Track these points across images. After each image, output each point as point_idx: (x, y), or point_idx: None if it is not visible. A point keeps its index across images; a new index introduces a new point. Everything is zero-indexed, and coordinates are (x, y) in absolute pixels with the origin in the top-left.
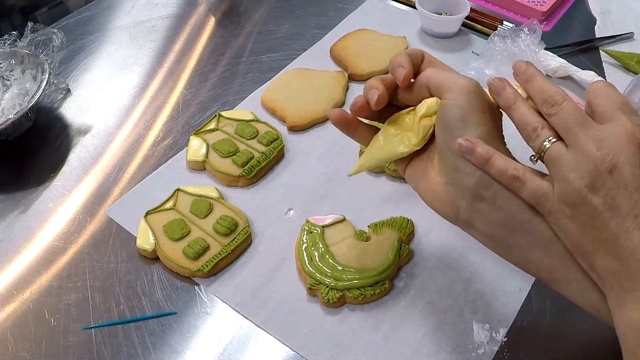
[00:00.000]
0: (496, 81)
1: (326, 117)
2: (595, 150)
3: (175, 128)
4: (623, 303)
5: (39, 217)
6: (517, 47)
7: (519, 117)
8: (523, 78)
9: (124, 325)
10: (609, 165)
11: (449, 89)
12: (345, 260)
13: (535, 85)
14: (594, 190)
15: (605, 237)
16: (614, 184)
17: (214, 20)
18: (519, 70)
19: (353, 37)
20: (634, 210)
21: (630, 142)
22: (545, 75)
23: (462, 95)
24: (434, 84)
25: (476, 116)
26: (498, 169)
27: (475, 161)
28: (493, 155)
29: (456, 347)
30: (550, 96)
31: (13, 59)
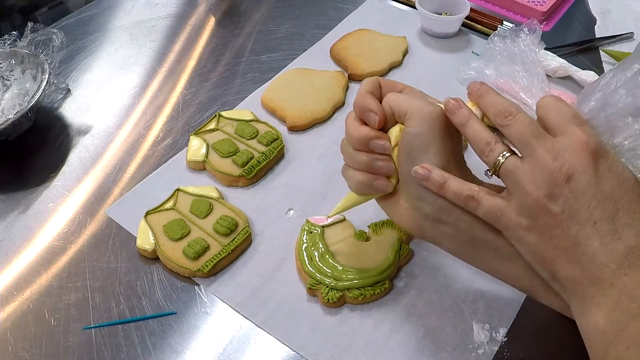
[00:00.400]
0: (451, 101)
1: (326, 117)
2: (552, 161)
3: (175, 128)
4: (587, 309)
5: (39, 217)
6: (517, 47)
7: (471, 133)
8: (476, 96)
9: (124, 325)
10: (566, 175)
11: (411, 115)
12: (345, 260)
13: (488, 99)
14: (552, 200)
15: (566, 246)
16: (572, 192)
17: (214, 20)
18: (472, 89)
19: (353, 37)
20: (592, 217)
21: (585, 152)
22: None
23: (423, 124)
24: (397, 111)
25: (437, 144)
26: (453, 192)
27: (431, 187)
28: (448, 180)
29: (456, 347)
30: (504, 108)
31: (13, 59)
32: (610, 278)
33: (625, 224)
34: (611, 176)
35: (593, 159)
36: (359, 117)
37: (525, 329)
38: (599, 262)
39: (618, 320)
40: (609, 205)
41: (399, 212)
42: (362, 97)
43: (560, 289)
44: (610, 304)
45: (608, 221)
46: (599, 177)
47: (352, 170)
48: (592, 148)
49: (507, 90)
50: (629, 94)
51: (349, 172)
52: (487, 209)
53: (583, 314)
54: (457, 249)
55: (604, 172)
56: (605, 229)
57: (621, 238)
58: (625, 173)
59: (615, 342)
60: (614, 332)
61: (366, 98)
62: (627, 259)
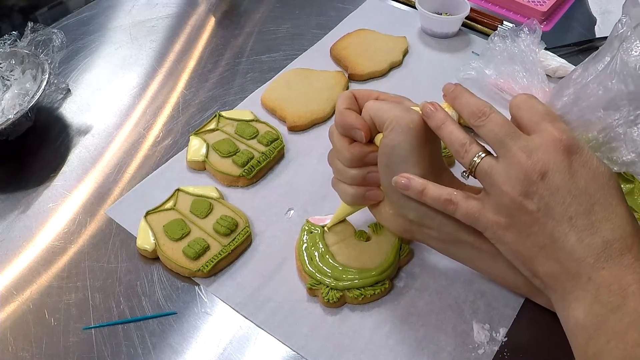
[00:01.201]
0: (427, 105)
1: (326, 117)
2: (526, 160)
3: (175, 128)
4: (567, 304)
5: (39, 217)
6: (517, 47)
7: (447, 135)
8: (451, 97)
9: (124, 325)
10: (540, 173)
11: (389, 126)
12: (345, 260)
13: (462, 100)
14: (528, 198)
15: (543, 242)
16: (547, 190)
17: (214, 20)
18: (447, 91)
19: (353, 37)
20: (568, 212)
21: (558, 149)
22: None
23: (401, 134)
24: (377, 121)
25: (415, 154)
26: (432, 197)
27: (411, 195)
28: (427, 186)
29: (456, 347)
30: (477, 108)
31: (13, 59)
32: (588, 272)
33: (601, 218)
34: (585, 171)
35: (566, 155)
36: (342, 134)
37: (525, 329)
38: (577, 257)
39: (597, 314)
40: (584, 200)
41: (386, 218)
42: (342, 115)
43: (541, 286)
44: (589, 298)
45: (584, 216)
46: (573, 173)
47: (343, 185)
48: (566, 145)
49: (507, 90)
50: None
51: (341, 186)
52: (464, 211)
53: (563, 309)
54: (443, 249)
55: (578, 167)
56: (581, 224)
57: (597, 232)
58: (600, 167)
59: (595, 336)
60: (594, 326)
61: (347, 115)
62: (604, 253)
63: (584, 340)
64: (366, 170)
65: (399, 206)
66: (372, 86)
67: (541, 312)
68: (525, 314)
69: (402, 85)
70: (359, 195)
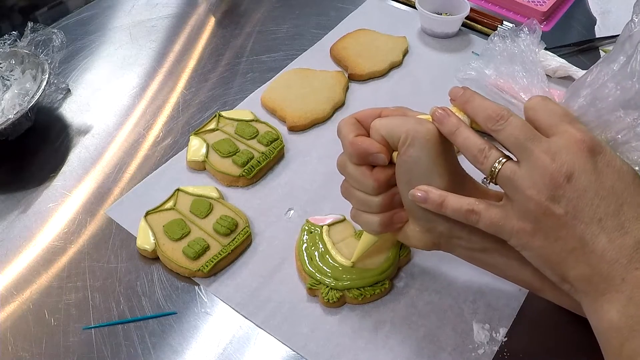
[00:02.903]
0: (438, 111)
1: (326, 117)
2: (550, 163)
3: (175, 128)
4: (599, 306)
5: (39, 217)
6: (517, 47)
7: (462, 141)
8: (461, 101)
9: (124, 325)
10: (566, 175)
11: (405, 141)
12: (345, 260)
13: (475, 104)
14: (555, 202)
15: (572, 246)
16: (574, 192)
17: (214, 20)
18: (456, 95)
19: (353, 37)
20: (597, 214)
21: (582, 150)
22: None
23: (420, 148)
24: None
25: (438, 165)
26: (453, 209)
27: (430, 208)
28: (446, 198)
29: (456, 347)
30: (494, 112)
31: (13, 59)
32: (621, 274)
33: (631, 217)
34: (610, 171)
35: (591, 156)
36: (360, 163)
37: (525, 329)
38: (609, 259)
39: (632, 315)
40: (612, 200)
41: (413, 236)
42: (354, 144)
43: (571, 290)
44: (623, 299)
45: (613, 217)
46: (599, 174)
47: (368, 215)
48: (589, 145)
49: (507, 90)
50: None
51: (365, 217)
52: (488, 221)
53: (595, 311)
54: (470, 257)
55: (603, 168)
56: (611, 225)
57: (628, 232)
58: (624, 167)
59: (630, 337)
60: (629, 327)
61: (360, 142)
62: (637, 253)
63: (618, 342)
64: (392, 193)
65: (427, 221)
66: (372, 86)
67: (541, 312)
68: (525, 314)
69: (402, 85)
70: (386, 222)
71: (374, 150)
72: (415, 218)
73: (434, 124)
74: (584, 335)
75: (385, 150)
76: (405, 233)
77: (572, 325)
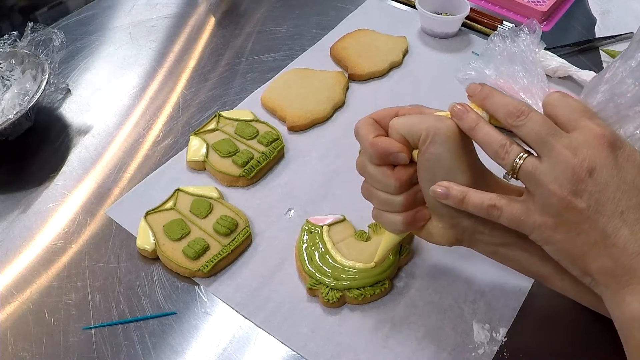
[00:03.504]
0: (457, 107)
1: (326, 117)
2: (572, 157)
3: (175, 128)
4: (621, 299)
5: (39, 217)
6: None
7: (482, 136)
8: (480, 97)
9: (124, 325)
10: (588, 170)
11: (426, 139)
12: (345, 260)
13: (495, 100)
14: (577, 196)
15: (595, 239)
16: (596, 186)
17: (214, 20)
18: (474, 91)
19: (353, 37)
20: (619, 208)
21: (602, 145)
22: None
23: (442, 145)
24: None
25: (460, 161)
26: (474, 204)
27: (452, 203)
28: (467, 193)
29: (456, 347)
30: (515, 108)
31: (13, 59)
32: None
33: None
34: (631, 165)
35: (611, 150)
36: (381, 163)
37: (525, 329)
38: (631, 251)
39: None
40: (634, 194)
41: (436, 233)
42: (374, 145)
43: (592, 283)
44: None
45: (635, 210)
46: (620, 168)
47: (389, 215)
48: (609, 140)
49: (507, 91)
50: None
51: (387, 217)
52: (510, 215)
53: (617, 304)
54: (491, 252)
55: (624, 162)
56: (633, 218)
57: None
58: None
59: None
60: None
61: (380, 143)
62: None
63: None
64: (414, 191)
65: (450, 217)
66: (372, 86)
67: (541, 312)
68: (525, 314)
69: (402, 85)
70: (409, 220)
71: (395, 149)
72: (439, 215)
73: (453, 121)
74: (584, 335)
75: (405, 149)
76: (428, 231)
77: (572, 325)
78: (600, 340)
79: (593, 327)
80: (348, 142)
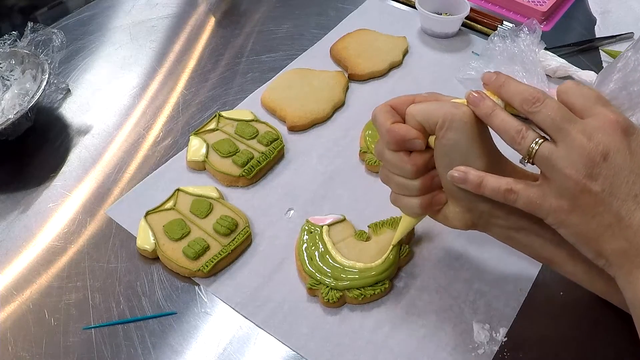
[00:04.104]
0: (473, 94)
1: (326, 117)
2: (587, 142)
3: (175, 128)
4: (635, 278)
5: (39, 217)
6: (517, 47)
7: (499, 123)
8: (495, 85)
9: (124, 325)
10: (602, 154)
11: (443, 125)
12: (345, 260)
13: (511, 87)
14: (592, 180)
15: (609, 222)
16: (610, 170)
17: (214, 20)
18: (489, 79)
19: (353, 37)
20: (632, 191)
21: (616, 131)
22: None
23: (459, 131)
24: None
25: (476, 147)
26: (491, 189)
27: (469, 188)
28: (485, 178)
29: (456, 347)
30: (530, 95)
31: (13, 59)
32: None
33: None
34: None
35: (625, 136)
36: (398, 149)
37: (525, 329)
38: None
39: None
40: None
41: (452, 217)
42: (391, 131)
43: (606, 265)
44: None
45: None
46: (633, 153)
47: (407, 198)
48: (623, 126)
49: None
50: None
51: (405, 201)
52: (526, 199)
53: (631, 284)
54: (506, 236)
55: (636, 147)
56: None
57: None
58: None
59: None
60: None
61: (397, 129)
62: None
63: None
64: (431, 176)
65: (468, 201)
66: (372, 86)
67: (541, 312)
68: (525, 314)
69: (402, 85)
70: (426, 204)
71: (411, 136)
72: (456, 199)
73: (469, 107)
74: (584, 335)
75: (421, 136)
76: (444, 214)
77: (572, 325)
78: (601, 341)
79: (593, 327)
80: (348, 142)
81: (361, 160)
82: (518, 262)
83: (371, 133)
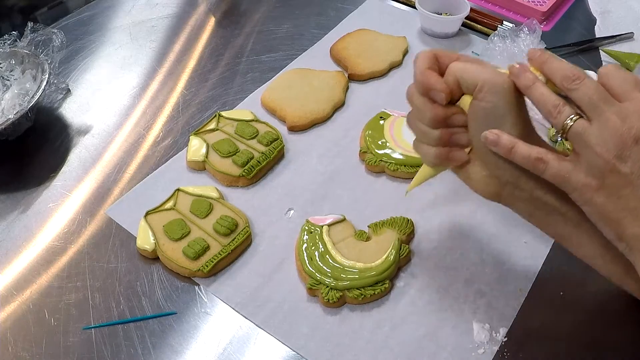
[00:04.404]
0: (516, 65)
1: (326, 117)
2: (621, 124)
3: (175, 128)
4: None
5: (39, 217)
6: (517, 47)
7: (538, 96)
8: (539, 61)
9: (124, 325)
10: (634, 138)
11: (482, 88)
12: (345, 260)
13: (554, 65)
14: (622, 161)
15: (634, 205)
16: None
17: (214, 20)
18: (534, 55)
19: (353, 37)
20: None
21: None
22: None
23: (497, 96)
24: (464, 82)
25: (512, 115)
26: (522, 155)
27: (500, 151)
28: (517, 144)
29: (456, 347)
30: (571, 72)
31: (13, 59)
32: None
33: None
34: None
35: None
36: (424, 95)
37: (526, 329)
38: None
39: None
40: None
41: (476, 179)
42: (423, 75)
43: (626, 249)
44: None
45: None
46: None
47: (426, 146)
48: None
49: None
50: None
51: (424, 148)
52: (555, 171)
53: None
54: (528, 213)
55: None
56: None
57: None
58: None
59: None
60: None
61: (428, 76)
62: None
63: None
64: (450, 132)
65: (495, 167)
66: (372, 86)
67: (541, 312)
68: (525, 314)
69: (403, 85)
70: (442, 156)
71: (437, 87)
72: (484, 162)
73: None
74: (585, 335)
75: (447, 91)
76: (468, 173)
77: (573, 325)
78: (602, 341)
79: (594, 327)
80: (348, 142)
81: (361, 160)
82: (518, 262)
83: (371, 133)
